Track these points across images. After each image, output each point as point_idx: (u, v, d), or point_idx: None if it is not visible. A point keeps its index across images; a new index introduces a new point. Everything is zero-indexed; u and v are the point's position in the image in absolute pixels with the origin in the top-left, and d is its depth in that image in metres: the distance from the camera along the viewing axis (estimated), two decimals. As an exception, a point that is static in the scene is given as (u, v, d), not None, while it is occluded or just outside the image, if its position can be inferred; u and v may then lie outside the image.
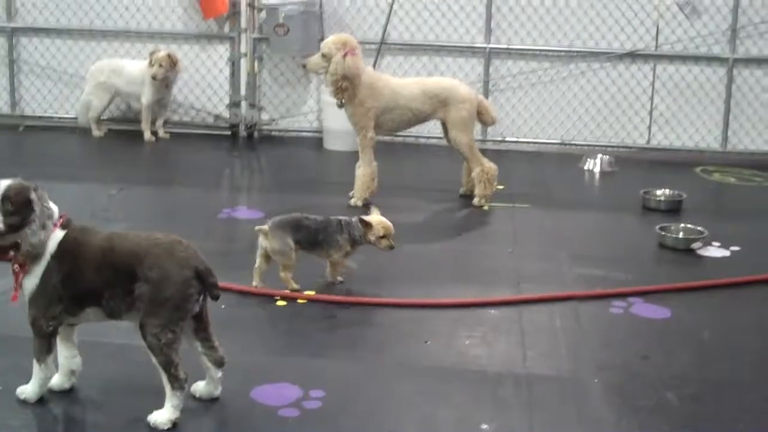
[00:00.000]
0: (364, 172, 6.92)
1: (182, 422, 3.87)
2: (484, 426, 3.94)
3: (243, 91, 8.90)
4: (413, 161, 8.27)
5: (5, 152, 8.48)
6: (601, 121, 8.74)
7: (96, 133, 8.74)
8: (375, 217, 5.36)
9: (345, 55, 6.64)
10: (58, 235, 3.88)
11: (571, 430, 3.96)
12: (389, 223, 5.36)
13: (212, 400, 4.09)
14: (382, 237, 5.33)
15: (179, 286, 3.77)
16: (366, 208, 6.76)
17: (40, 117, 9.10)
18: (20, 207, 3.80)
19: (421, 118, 7.02)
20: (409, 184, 7.57)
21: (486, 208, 7.00)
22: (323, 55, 6.75)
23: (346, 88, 6.68)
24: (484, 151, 7.54)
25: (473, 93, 7.02)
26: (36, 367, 3.99)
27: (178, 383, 3.83)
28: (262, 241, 5.31)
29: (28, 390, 4.02)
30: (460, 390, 4.28)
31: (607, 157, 8.34)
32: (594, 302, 5.30)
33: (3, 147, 8.61)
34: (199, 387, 4.10)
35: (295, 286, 5.27)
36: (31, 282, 3.87)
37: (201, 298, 3.89)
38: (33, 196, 3.85)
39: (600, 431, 3.95)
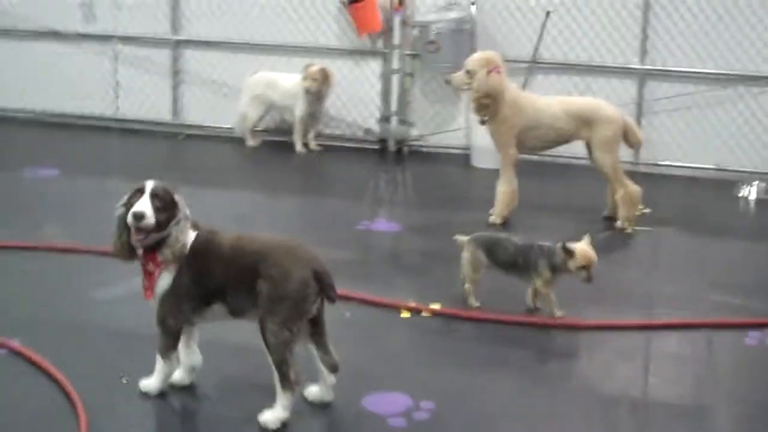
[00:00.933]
0: (504, 189, 6.88)
1: (292, 423, 3.95)
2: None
3: (393, 107, 8.99)
4: (558, 181, 8.15)
5: (165, 159, 8.83)
6: (759, 147, 8.39)
7: (250, 143, 8.99)
8: (579, 246, 5.14)
9: (489, 73, 6.63)
10: (191, 236, 4.03)
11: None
12: (592, 254, 5.12)
13: (323, 405, 4.14)
14: (582, 267, 5.09)
15: (298, 285, 3.86)
16: (504, 226, 6.74)
17: (200, 126, 9.41)
18: (167, 205, 3.97)
19: (564, 138, 6.93)
20: (551, 204, 7.47)
21: (629, 230, 6.83)
22: (467, 72, 6.75)
23: (487, 105, 6.66)
24: (635, 174, 7.37)
25: (619, 113, 6.88)
26: (160, 363, 4.14)
27: (289, 384, 3.91)
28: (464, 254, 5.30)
29: (150, 383, 4.18)
30: (573, 408, 4.20)
31: (765, 184, 8.01)
32: (729, 332, 5.10)
33: (163, 154, 8.97)
34: (312, 391, 4.16)
35: (475, 303, 5.26)
36: (165, 281, 4.03)
37: (318, 300, 3.97)
38: (177, 196, 4.02)
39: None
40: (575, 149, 7.30)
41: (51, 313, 5.01)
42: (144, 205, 3.91)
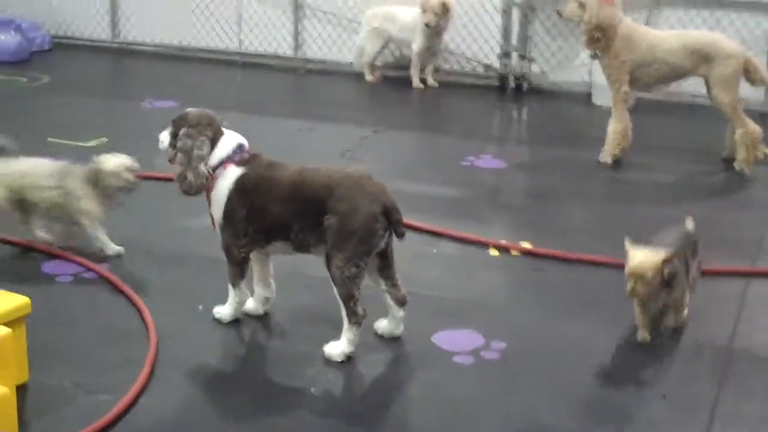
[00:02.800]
0: (615, 128, 6.63)
1: (358, 357, 3.94)
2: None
3: (514, 42, 8.77)
4: (676, 120, 7.81)
5: (283, 93, 8.88)
6: None
7: (369, 78, 8.93)
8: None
9: (601, 4, 6.36)
10: (234, 171, 4.00)
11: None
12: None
13: (393, 339, 4.11)
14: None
15: (366, 220, 3.82)
16: (614, 165, 6.53)
17: (320, 61, 9.41)
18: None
19: (680, 74, 6.61)
20: (668, 143, 7.17)
21: (747, 173, 6.49)
22: (579, 4, 6.51)
23: (599, 39, 6.41)
24: (762, 115, 7.02)
25: (740, 49, 6.51)
26: (231, 291, 4.19)
27: (355, 318, 3.89)
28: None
29: (223, 311, 4.24)
30: (645, 355, 4.05)
31: None
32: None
33: (282, 88, 9.02)
34: (382, 324, 4.14)
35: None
36: (216, 213, 4.05)
37: (387, 234, 3.91)
38: (184, 130, 4.03)
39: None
40: (696, 86, 6.98)
41: (144, 240, 5.13)
42: (163, 134, 4.12)
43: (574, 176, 6.43)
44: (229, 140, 4.09)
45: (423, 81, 8.78)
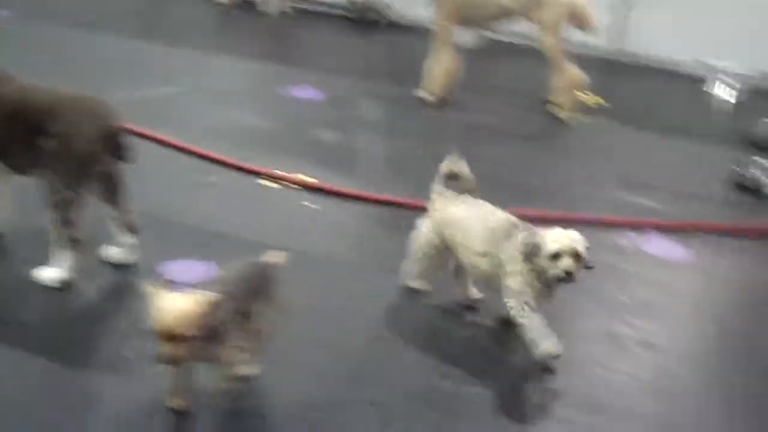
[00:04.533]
0: (437, 67, 6.53)
1: (79, 284, 3.81)
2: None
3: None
4: (508, 62, 7.76)
5: (137, 8, 8.59)
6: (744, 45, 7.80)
7: (225, 1, 8.71)
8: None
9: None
10: None
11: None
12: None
13: (124, 266, 3.99)
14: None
15: (85, 144, 3.66)
16: (439, 105, 6.44)
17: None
18: None
19: (508, 15, 6.50)
20: (496, 84, 7.10)
21: (565, 119, 6.46)
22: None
23: None
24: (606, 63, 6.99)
25: (567, -6, 6.40)
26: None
27: (71, 243, 3.76)
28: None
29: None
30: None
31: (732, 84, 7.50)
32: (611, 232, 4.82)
33: (141, 5, 8.74)
34: (112, 252, 4.01)
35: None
36: None
37: (112, 158, 3.77)
38: None
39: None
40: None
41: None
42: None
43: (392, 113, 6.34)
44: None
45: (279, 10, 8.57)
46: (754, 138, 6.36)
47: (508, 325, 3.76)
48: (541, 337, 3.58)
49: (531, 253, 3.52)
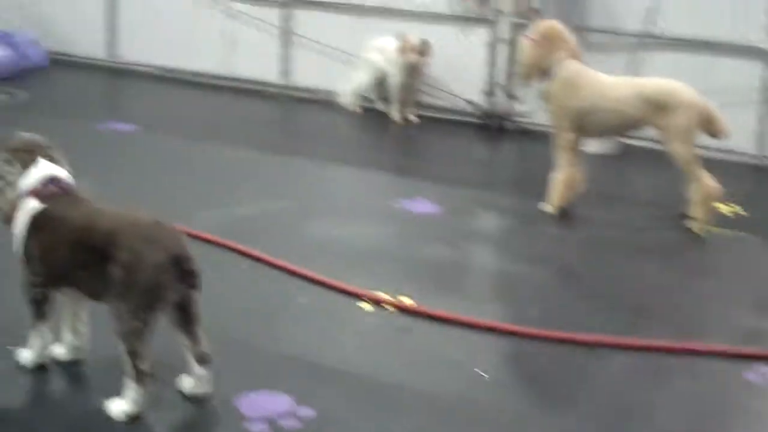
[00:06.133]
0: (558, 177, 6.20)
1: (147, 416, 3.61)
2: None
3: (498, 79, 8.36)
4: (638, 170, 7.33)
5: (261, 120, 8.63)
6: None
7: (352, 108, 8.63)
8: None
9: (533, 42, 6.01)
10: (31, 205, 3.74)
11: None
12: None
13: (196, 399, 3.78)
14: None
15: (151, 271, 3.49)
16: (560, 217, 6.08)
17: (306, 89, 9.14)
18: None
19: (632, 124, 6.14)
20: (623, 194, 6.69)
21: (702, 233, 5.98)
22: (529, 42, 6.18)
23: (530, 77, 6.09)
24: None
25: (698, 99, 5.98)
26: (30, 333, 3.91)
27: (139, 376, 3.59)
28: None
29: (24, 354, 3.97)
30: None
31: None
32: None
33: (263, 115, 8.78)
34: (185, 383, 3.81)
35: None
36: (15, 246, 3.79)
37: (181, 286, 3.59)
38: (3, 155, 3.78)
39: None
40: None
41: None
42: None
43: (511, 228, 6.04)
44: (40, 171, 3.82)
45: (403, 116, 8.44)
46: None
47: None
48: None
49: None
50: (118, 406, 3.61)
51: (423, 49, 8.20)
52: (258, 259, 5.18)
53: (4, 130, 7.40)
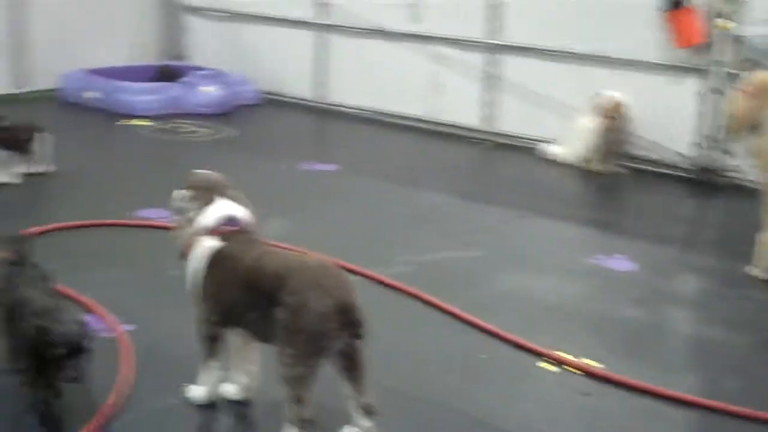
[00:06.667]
0: (767, 238, 5.75)
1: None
2: None
3: (710, 131, 7.92)
4: None
5: (461, 164, 8.53)
6: None
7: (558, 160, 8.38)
8: None
9: (746, 94, 5.62)
10: (208, 243, 3.73)
11: None
12: None
13: (361, 452, 3.66)
14: None
15: (316, 317, 3.41)
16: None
17: (509, 135, 8.98)
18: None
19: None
20: None
21: None
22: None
23: (739, 130, 5.69)
24: None
25: None
26: (201, 371, 3.90)
27: (300, 422, 3.49)
28: None
29: (194, 391, 3.96)
30: None
31: None
32: None
33: (465, 160, 8.68)
34: (349, 434, 3.69)
35: None
36: (189, 282, 3.80)
37: (345, 334, 3.48)
38: (184, 192, 3.80)
39: None
40: None
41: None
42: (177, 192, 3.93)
43: (713, 291, 5.65)
44: (219, 210, 3.83)
45: (608, 168, 8.12)
46: None
47: None
48: None
49: None
50: (278, 453, 3.53)
51: (616, 110, 7.92)
52: (442, 310, 5.03)
53: (207, 165, 7.69)
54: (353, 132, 9.41)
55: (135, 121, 9.12)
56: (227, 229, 3.78)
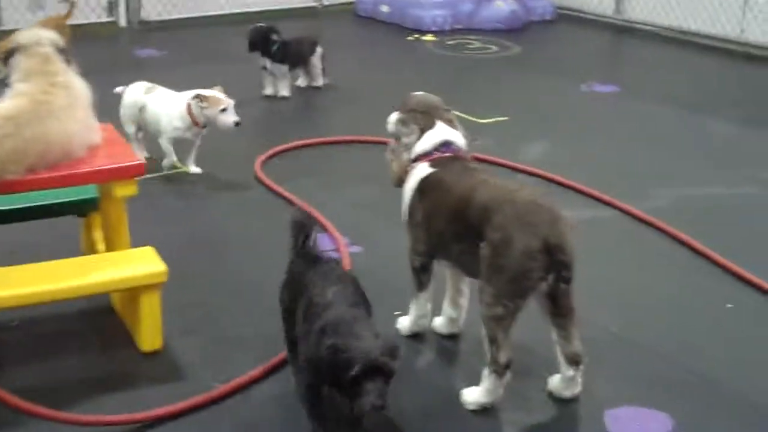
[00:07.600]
0: None
1: (498, 410, 3.30)
2: None
3: None
4: None
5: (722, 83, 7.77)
6: None
7: None
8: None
9: None
10: (422, 170, 3.53)
11: None
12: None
13: (561, 401, 3.38)
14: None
15: (519, 257, 3.15)
16: None
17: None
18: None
19: None
20: None
21: None
22: None
23: None
24: None
25: None
26: (411, 301, 3.76)
27: (495, 365, 3.29)
28: None
29: (403, 322, 3.84)
30: None
31: None
32: None
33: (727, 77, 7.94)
34: (554, 381, 3.43)
35: None
36: (402, 210, 3.62)
37: (553, 277, 3.20)
38: (400, 115, 3.64)
39: None
40: None
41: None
42: (392, 115, 3.73)
43: None
44: (435, 135, 3.61)
45: None
46: None
47: None
48: None
49: None
50: (472, 395, 3.34)
51: None
52: (695, 251, 4.57)
53: (486, 83, 7.49)
54: (647, 52, 8.78)
55: (424, 37, 9.01)
56: (442, 155, 3.57)
